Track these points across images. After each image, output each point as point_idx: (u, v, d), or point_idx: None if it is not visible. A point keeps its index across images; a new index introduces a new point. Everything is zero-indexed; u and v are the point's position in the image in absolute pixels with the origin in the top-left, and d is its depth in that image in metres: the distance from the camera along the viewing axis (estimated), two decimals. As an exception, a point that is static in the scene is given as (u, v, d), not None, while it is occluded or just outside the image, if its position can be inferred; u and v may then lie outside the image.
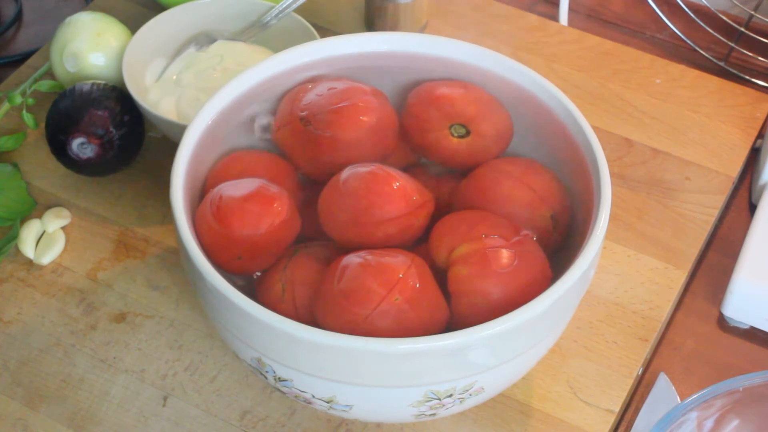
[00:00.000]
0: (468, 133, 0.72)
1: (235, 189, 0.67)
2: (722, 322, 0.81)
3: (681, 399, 0.76)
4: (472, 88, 0.74)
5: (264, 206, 0.67)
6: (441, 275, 0.66)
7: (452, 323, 0.64)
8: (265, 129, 0.74)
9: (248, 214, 0.66)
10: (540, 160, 0.73)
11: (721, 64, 0.98)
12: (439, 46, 0.75)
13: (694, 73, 0.95)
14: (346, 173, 0.67)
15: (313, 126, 0.70)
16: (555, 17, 1.01)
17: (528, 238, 0.66)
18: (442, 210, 0.70)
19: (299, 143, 0.71)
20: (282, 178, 0.71)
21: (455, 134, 0.72)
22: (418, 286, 0.63)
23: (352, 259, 0.64)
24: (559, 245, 0.70)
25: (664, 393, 0.76)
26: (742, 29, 0.97)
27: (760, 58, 0.97)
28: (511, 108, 0.74)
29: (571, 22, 1.02)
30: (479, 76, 0.74)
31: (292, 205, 0.68)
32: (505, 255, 0.64)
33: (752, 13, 0.95)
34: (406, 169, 0.76)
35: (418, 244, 0.68)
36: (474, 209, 0.69)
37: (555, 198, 0.70)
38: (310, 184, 0.73)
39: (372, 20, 0.97)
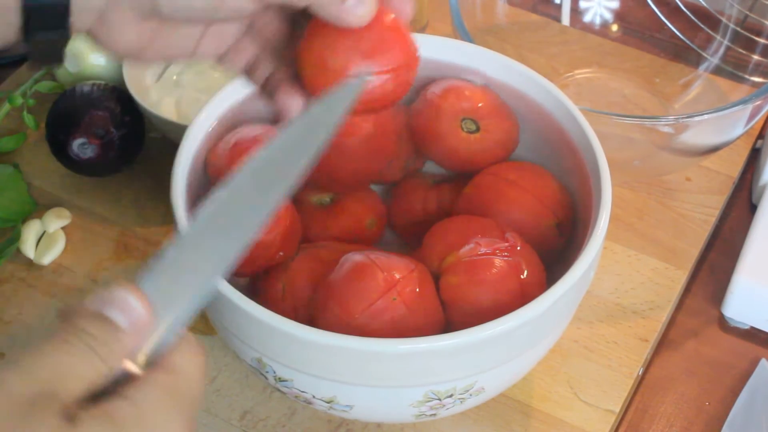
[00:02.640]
0: (477, 129, 0.72)
1: None
2: (722, 322, 0.81)
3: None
4: (488, 90, 0.74)
5: None
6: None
7: (448, 331, 0.64)
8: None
9: None
10: (540, 160, 0.73)
11: (719, 62, 0.98)
12: (439, 47, 0.75)
13: (692, 72, 0.95)
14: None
15: None
16: (557, 17, 1.01)
17: (517, 241, 0.66)
18: (442, 218, 0.70)
19: None
20: None
21: (465, 129, 0.72)
22: (418, 290, 0.63)
23: (354, 256, 0.64)
24: (562, 248, 0.70)
25: (764, 380, 0.76)
26: (738, 29, 0.97)
27: (755, 57, 0.97)
28: (512, 107, 0.74)
29: (573, 23, 1.02)
30: (478, 77, 0.75)
31: (294, 212, 0.68)
32: (492, 262, 0.64)
33: (747, 13, 0.95)
34: (406, 176, 0.76)
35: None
36: (463, 215, 0.69)
37: (560, 207, 0.70)
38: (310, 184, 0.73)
39: (372, 20, 0.96)
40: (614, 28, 1.03)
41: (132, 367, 0.42)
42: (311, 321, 0.63)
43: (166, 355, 0.43)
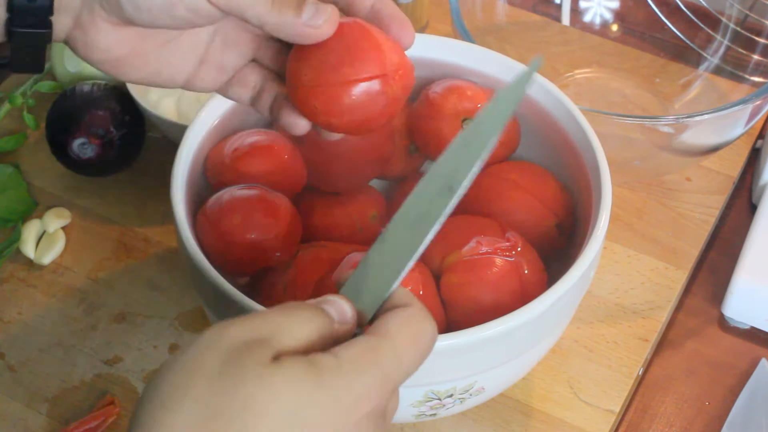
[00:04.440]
0: None
1: (237, 195, 0.67)
2: (722, 322, 0.81)
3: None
4: (489, 90, 0.74)
5: (266, 214, 0.67)
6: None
7: (448, 331, 0.64)
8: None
9: (250, 221, 0.66)
10: (540, 160, 0.73)
11: (719, 62, 0.98)
12: (439, 47, 0.75)
13: (692, 72, 0.95)
14: None
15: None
16: (557, 17, 1.02)
17: (518, 241, 0.66)
18: None
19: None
20: (287, 168, 0.71)
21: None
22: (417, 290, 0.63)
23: (356, 257, 0.64)
24: (562, 248, 0.70)
25: (764, 380, 0.76)
26: (738, 29, 0.97)
27: (755, 56, 0.97)
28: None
29: (573, 23, 1.02)
30: (478, 77, 0.75)
31: (294, 211, 0.68)
32: (493, 261, 0.64)
33: (747, 12, 0.95)
34: (405, 177, 0.76)
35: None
36: (464, 215, 0.69)
37: (561, 207, 0.70)
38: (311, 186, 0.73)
39: (372, 20, 0.96)
40: (614, 28, 1.03)
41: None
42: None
43: (376, 323, 0.47)
